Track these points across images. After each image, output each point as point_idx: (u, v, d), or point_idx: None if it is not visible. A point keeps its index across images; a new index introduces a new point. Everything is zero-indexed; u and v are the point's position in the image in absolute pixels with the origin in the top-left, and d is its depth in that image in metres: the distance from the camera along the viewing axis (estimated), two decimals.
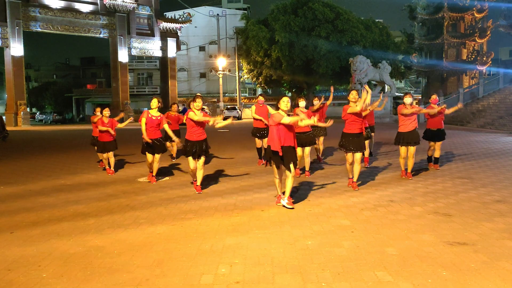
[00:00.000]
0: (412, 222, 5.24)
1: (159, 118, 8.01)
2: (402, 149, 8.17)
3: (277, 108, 5.90)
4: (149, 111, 8.03)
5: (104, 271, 3.83)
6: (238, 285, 3.51)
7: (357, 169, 7.17)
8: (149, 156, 8.06)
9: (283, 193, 6.11)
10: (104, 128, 9.05)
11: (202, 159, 7.16)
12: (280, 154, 5.79)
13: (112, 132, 9.10)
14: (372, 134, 10.95)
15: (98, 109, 9.86)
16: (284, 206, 6.01)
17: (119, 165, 10.64)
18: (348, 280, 3.55)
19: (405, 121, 8.09)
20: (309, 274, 3.69)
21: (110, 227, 5.23)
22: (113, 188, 7.82)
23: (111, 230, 5.12)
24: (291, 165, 5.88)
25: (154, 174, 8.25)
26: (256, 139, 9.98)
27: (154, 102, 7.90)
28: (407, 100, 8.07)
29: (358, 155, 7.11)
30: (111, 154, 9.31)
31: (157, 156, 8.14)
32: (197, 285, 3.53)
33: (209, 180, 8.29)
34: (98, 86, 58.75)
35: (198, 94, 7.32)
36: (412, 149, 8.11)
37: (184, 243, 4.57)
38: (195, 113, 6.94)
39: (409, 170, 8.24)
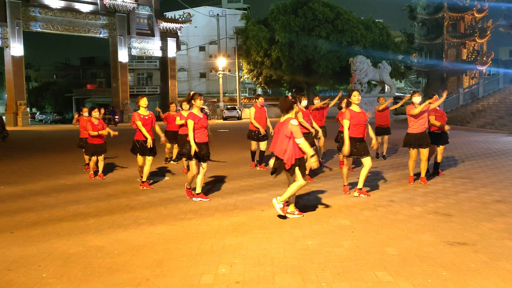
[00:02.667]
0: (412, 222, 5.24)
1: (150, 116, 7.63)
2: (413, 152, 7.62)
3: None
4: (138, 111, 7.56)
5: (104, 271, 3.83)
6: (238, 285, 3.51)
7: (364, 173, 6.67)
8: (139, 158, 7.62)
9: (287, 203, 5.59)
10: (95, 133, 8.45)
11: (204, 164, 6.52)
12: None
13: (104, 132, 8.57)
14: (387, 136, 10.91)
15: (86, 109, 9.31)
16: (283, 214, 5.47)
17: (119, 165, 10.63)
18: (348, 280, 3.55)
19: (415, 122, 7.51)
20: (309, 274, 3.69)
21: (110, 227, 5.23)
22: (113, 188, 7.81)
23: (111, 230, 5.12)
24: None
25: (144, 179, 7.69)
26: (252, 141, 9.50)
27: (144, 101, 7.54)
28: (416, 99, 7.45)
29: (367, 159, 6.60)
30: (101, 157, 8.78)
31: (149, 158, 7.60)
32: (197, 285, 3.53)
33: (209, 180, 8.28)
34: (98, 86, 58.80)
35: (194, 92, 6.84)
36: (425, 151, 7.53)
37: (184, 243, 4.56)
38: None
39: (422, 175, 7.66)
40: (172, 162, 10.73)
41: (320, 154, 10.22)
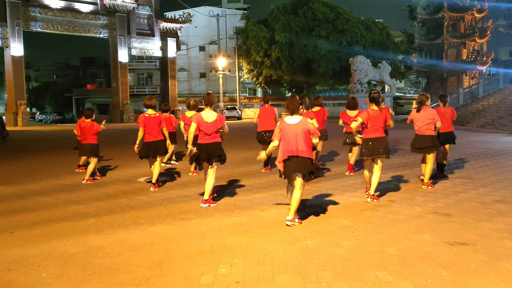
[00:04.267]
0: (412, 222, 5.24)
1: (157, 115, 7.50)
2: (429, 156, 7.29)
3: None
4: (146, 112, 7.45)
5: (104, 271, 3.83)
6: (238, 285, 3.51)
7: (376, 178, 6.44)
8: (150, 161, 7.58)
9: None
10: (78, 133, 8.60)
11: (213, 166, 6.29)
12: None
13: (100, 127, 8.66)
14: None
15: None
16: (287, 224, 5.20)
17: (119, 165, 10.63)
18: (348, 280, 3.55)
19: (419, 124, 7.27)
20: (309, 274, 3.69)
21: (110, 227, 5.23)
22: (113, 188, 7.81)
23: (111, 230, 5.12)
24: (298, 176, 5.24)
25: (154, 181, 7.50)
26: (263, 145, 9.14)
27: (153, 101, 7.44)
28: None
29: (379, 161, 6.42)
30: (93, 159, 8.58)
31: (158, 159, 7.51)
32: (197, 285, 3.53)
33: None
34: (98, 86, 58.81)
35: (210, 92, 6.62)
36: (430, 154, 7.25)
37: (184, 243, 4.57)
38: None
39: (426, 180, 7.36)
40: (173, 162, 10.75)
41: (318, 157, 10.17)
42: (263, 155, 5.45)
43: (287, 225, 5.15)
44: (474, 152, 12.33)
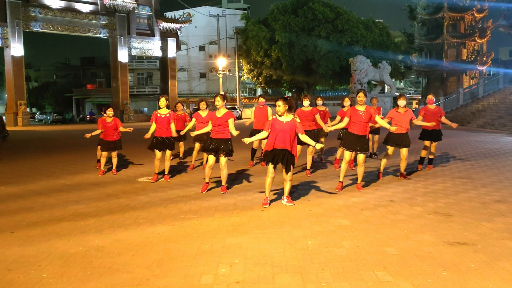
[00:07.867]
0: (412, 222, 5.24)
1: (167, 115, 8.32)
2: (390, 150, 8.17)
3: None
4: (158, 111, 8.38)
5: (104, 271, 3.83)
6: (238, 285, 3.51)
7: (360, 171, 7.11)
8: (157, 153, 8.28)
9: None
10: (98, 132, 9.14)
11: (222, 159, 7.12)
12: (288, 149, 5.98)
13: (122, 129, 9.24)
14: (377, 135, 10.96)
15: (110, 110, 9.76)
16: (286, 204, 6.12)
17: (119, 164, 10.63)
18: (348, 280, 3.55)
19: (396, 123, 8.02)
20: (309, 274, 3.69)
21: (110, 227, 5.23)
22: (113, 188, 7.81)
23: (111, 230, 5.12)
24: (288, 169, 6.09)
25: (166, 172, 8.46)
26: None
27: (162, 101, 8.31)
28: (401, 102, 8.05)
29: (361, 156, 7.02)
30: (114, 154, 9.32)
31: (168, 152, 8.33)
32: (197, 285, 3.53)
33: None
34: (98, 86, 58.81)
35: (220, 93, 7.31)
36: (404, 151, 8.08)
37: (184, 243, 4.57)
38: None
39: (402, 171, 8.25)
40: (178, 159, 10.82)
41: (322, 152, 10.36)
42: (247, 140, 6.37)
43: (284, 203, 6.07)
44: (474, 152, 12.33)
